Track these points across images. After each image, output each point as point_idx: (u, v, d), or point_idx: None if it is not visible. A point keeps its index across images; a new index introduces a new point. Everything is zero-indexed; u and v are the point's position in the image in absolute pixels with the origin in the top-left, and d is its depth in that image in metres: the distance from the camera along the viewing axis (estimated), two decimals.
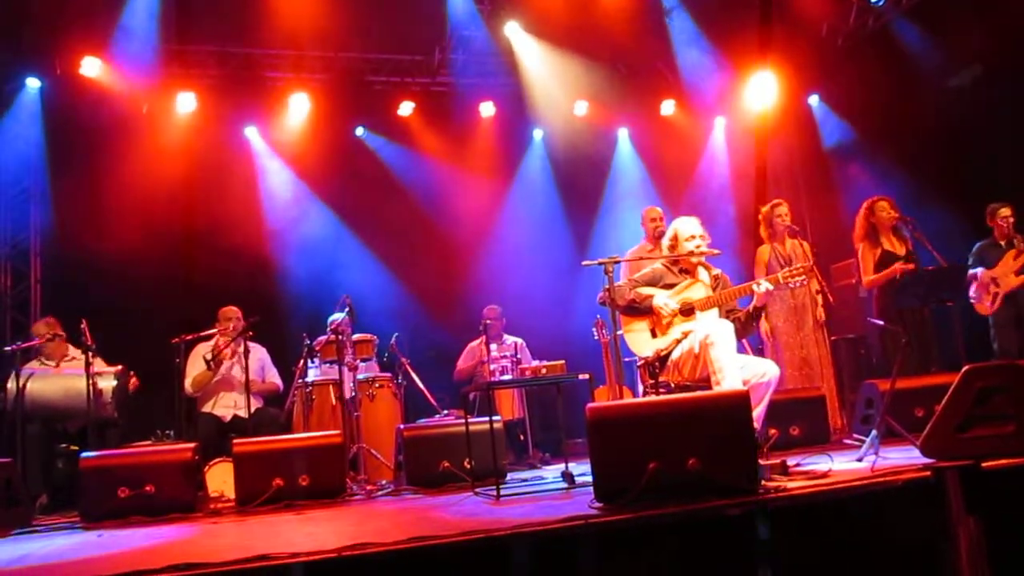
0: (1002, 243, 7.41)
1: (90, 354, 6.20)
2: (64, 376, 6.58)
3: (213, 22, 8.55)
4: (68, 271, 8.27)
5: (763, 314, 6.66)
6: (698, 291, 5.21)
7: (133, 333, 7.51)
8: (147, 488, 5.19)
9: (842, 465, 4.44)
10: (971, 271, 7.39)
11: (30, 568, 3.56)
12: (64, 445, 6.61)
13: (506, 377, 7.00)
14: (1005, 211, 7.40)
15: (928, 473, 3.45)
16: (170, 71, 9.02)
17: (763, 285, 5.09)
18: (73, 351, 6.96)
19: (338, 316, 7.07)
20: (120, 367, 6.66)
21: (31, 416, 6.31)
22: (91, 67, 8.47)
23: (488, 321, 8.06)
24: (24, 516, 5.33)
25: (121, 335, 7.24)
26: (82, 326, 6.37)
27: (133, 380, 6.82)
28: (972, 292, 7.36)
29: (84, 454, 5.37)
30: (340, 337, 6.80)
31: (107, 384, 6.48)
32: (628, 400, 5.57)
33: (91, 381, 6.17)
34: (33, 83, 8.55)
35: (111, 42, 8.44)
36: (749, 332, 5.49)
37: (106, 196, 8.11)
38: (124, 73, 8.62)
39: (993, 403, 3.72)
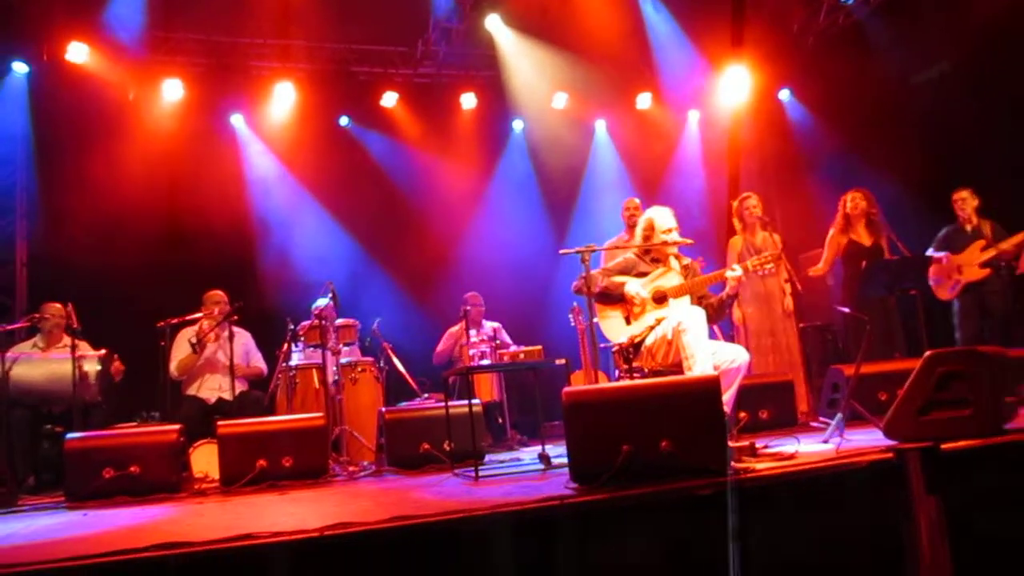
0: (967, 228, 7.51)
1: (75, 338, 6.22)
2: (48, 361, 6.60)
3: (199, 10, 8.55)
4: (54, 255, 8.23)
5: (735, 301, 6.82)
6: (670, 279, 5.30)
7: (119, 317, 7.53)
8: (132, 469, 5.18)
9: (809, 447, 4.50)
10: (936, 255, 7.48)
11: (15, 547, 3.54)
12: (49, 426, 6.60)
13: (485, 362, 7.13)
14: (963, 193, 7.53)
15: (891, 455, 3.52)
16: (157, 58, 9.02)
17: (736, 270, 5.21)
18: (65, 339, 6.98)
19: (322, 302, 7.14)
20: (104, 351, 6.67)
21: (15, 401, 6.31)
22: (78, 53, 8.45)
23: (468, 307, 8.13)
24: (9, 496, 5.35)
25: (107, 319, 7.25)
26: (68, 309, 6.44)
27: (117, 365, 6.82)
28: (932, 276, 7.42)
29: (69, 435, 5.36)
30: (323, 322, 6.85)
31: (91, 368, 6.49)
32: (603, 384, 5.42)
33: (76, 365, 6.17)
34: (20, 68, 8.54)
35: (98, 28, 8.44)
36: (721, 318, 5.54)
37: (92, 180, 8.09)
38: (111, 59, 8.61)
39: (953, 388, 3.84)
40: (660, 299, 5.25)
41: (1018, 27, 7.57)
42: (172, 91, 9.08)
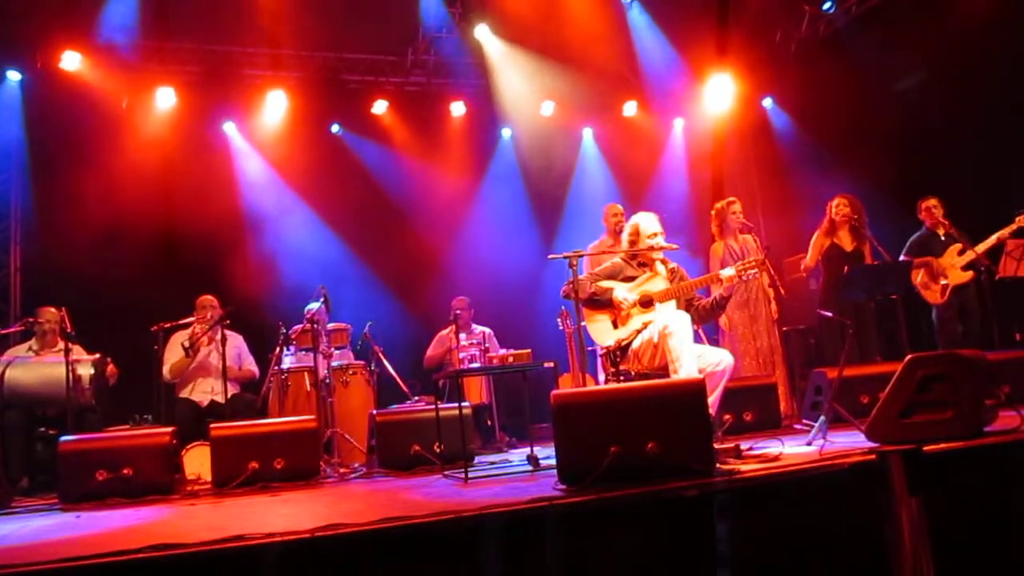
0: (940, 233, 7.60)
1: (69, 342, 6.24)
2: (42, 364, 6.60)
3: (192, 19, 8.60)
4: (48, 260, 8.25)
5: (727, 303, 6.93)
6: (657, 284, 5.38)
7: (113, 321, 7.55)
8: (125, 471, 5.18)
9: (792, 449, 4.56)
10: (920, 259, 7.55)
11: (9, 548, 3.55)
12: (44, 429, 6.61)
13: (474, 365, 7.19)
14: (933, 200, 7.63)
15: (873, 456, 3.56)
16: (150, 67, 9.05)
17: (726, 271, 5.30)
18: (60, 343, 6.95)
19: (314, 306, 7.16)
20: (98, 355, 6.69)
21: (9, 403, 6.33)
22: (71, 61, 8.48)
23: (458, 311, 8.20)
24: (4, 498, 5.38)
25: (101, 323, 7.28)
26: (62, 313, 6.46)
27: (111, 369, 6.84)
28: (918, 281, 7.49)
29: (63, 438, 5.36)
30: (315, 326, 6.90)
31: (85, 371, 6.48)
32: (591, 387, 5.53)
33: (70, 368, 6.19)
34: (14, 76, 8.58)
35: (91, 37, 8.48)
36: (713, 318, 5.62)
37: (86, 187, 8.10)
38: (104, 68, 8.66)
39: (934, 390, 3.88)
40: (647, 303, 5.32)
41: (995, 36, 7.71)
42: (165, 99, 9.12)
